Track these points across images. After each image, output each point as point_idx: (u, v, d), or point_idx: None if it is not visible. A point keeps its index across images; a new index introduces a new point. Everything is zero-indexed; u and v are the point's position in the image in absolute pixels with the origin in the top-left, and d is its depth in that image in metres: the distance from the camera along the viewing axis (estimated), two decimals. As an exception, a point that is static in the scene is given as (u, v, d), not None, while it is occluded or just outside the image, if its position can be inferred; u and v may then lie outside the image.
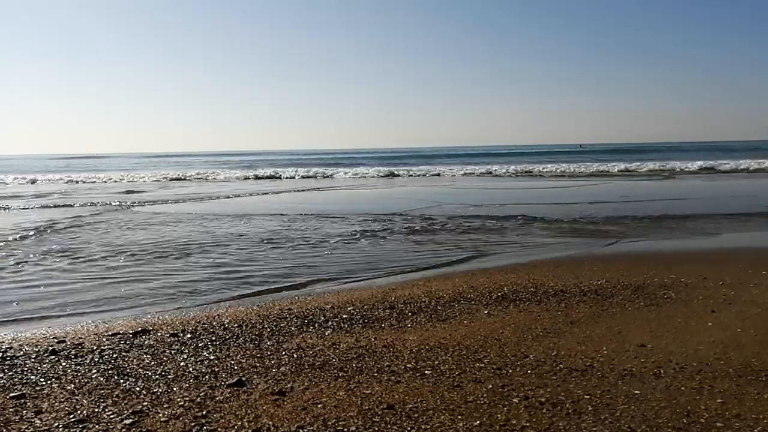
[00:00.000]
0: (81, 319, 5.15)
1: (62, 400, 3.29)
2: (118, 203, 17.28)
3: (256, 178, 31.89)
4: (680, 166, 32.11)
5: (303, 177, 31.74)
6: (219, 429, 2.90)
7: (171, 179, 31.77)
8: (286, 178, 31.73)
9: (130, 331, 4.61)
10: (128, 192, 22.63)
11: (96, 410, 3.13)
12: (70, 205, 16.71)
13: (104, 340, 4.42)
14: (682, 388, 3.28)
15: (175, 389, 3.41)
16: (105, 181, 30.42)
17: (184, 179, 31.84)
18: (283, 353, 4.04)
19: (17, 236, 10.30)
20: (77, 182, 30.32)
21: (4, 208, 16.03)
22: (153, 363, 3.89)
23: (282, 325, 4.76)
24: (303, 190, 22.36)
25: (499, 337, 4.28)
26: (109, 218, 13.15)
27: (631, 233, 9.69)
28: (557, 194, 18.51)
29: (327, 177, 31.52)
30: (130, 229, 11.15)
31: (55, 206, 16.47)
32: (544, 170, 31.85)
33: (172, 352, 4.12)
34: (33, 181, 30.64)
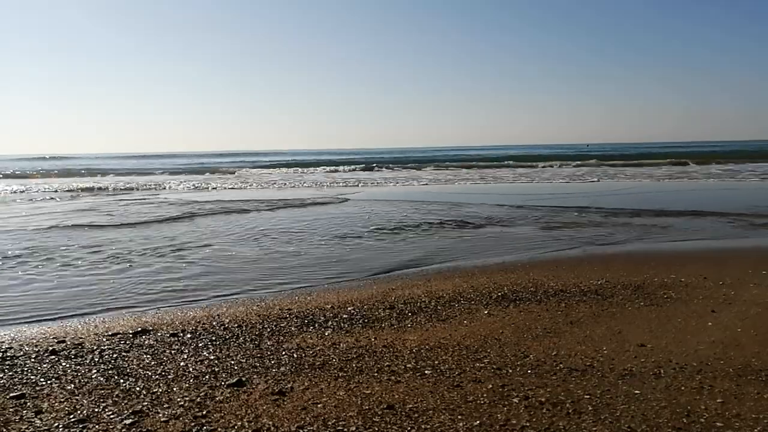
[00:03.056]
0: (81, 319, 5.16)
1: (62, 400, 3.29)
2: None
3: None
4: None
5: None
6: (219, 429, 2.90)
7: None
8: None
9: (130, 331, 4.61)
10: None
11: (96, 410, 3.14)
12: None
13: (104, 340, 4.42)
14: (682, 388, 3.28)
15: (175, 389, 3.41)
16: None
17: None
18: (283, 353, 4.04)
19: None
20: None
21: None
22: (153, 363, 3.89)
23: (282, 325, 4.76)
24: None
25: (499, 337, 4.28)
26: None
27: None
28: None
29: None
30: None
31: None
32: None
33: (172, 352, 4.12)
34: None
